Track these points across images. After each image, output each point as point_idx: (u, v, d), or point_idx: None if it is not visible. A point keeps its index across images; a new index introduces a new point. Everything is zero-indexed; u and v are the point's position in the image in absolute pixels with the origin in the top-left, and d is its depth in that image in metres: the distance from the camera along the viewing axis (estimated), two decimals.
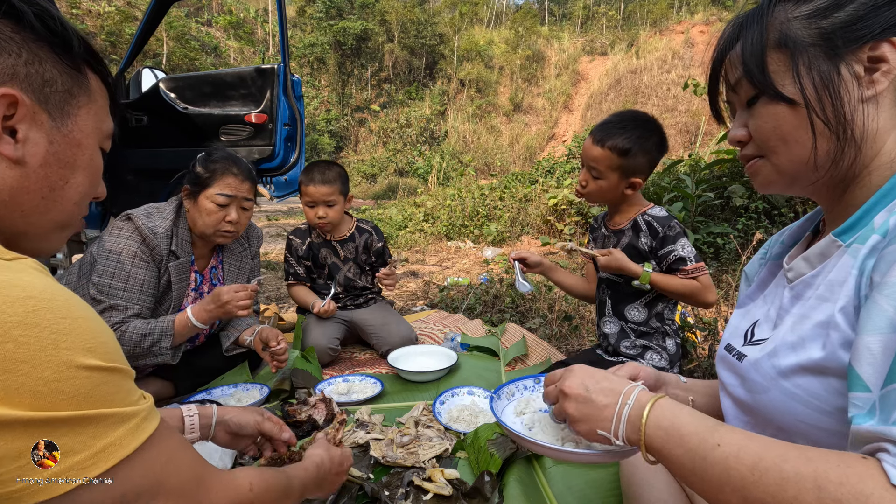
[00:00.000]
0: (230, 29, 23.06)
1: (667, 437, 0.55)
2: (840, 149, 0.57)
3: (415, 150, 19.47)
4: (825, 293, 0.56)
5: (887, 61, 0.54)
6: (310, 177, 2.14)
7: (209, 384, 1.81)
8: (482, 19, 31.32)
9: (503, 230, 6.19)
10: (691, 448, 0.52)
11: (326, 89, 24.43)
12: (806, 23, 0.57)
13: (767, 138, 0.61)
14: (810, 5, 0.57)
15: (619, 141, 1.46)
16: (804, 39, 0.57)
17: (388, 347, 2.13)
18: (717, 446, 0.50)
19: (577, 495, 1.19)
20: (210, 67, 17.75)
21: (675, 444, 0.54)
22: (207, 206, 1.60)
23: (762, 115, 0.61)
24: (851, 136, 0.56)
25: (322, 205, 2.14)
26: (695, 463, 0.52)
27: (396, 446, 1.34)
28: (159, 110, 3.12)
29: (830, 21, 0.55)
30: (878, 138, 0.57)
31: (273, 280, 4.05)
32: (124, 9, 16.25)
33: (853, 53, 0.55)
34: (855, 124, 0.56)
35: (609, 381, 0.64)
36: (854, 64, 0.55)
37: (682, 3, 28.45)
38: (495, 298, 3.22)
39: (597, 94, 21.80)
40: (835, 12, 0.55)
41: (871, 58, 0.55)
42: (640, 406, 0.59)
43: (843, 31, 0.55)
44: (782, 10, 0.59)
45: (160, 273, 1.59)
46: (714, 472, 0.50)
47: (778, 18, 0.59)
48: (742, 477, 0.47)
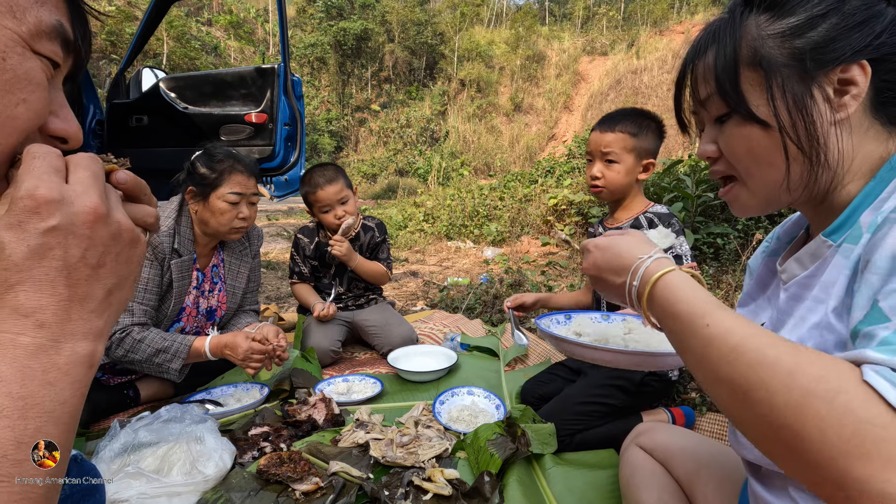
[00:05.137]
0: (230, 29, 23.06)
1: (662, 314, 0.57)
2: (813, 173, 0.57)
3: (415, 150, 19.48)
4: (820, 294, 0.56)
5: (857, 84, 0.53)
6: (314, 183, 2.10)
7: (209, 384, 1.81)
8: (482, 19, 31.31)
9: (503, 230, 6.19)
10: (681, 326, 0.53)
11: (327, 89, 24.43)
12: (780, 41, 0.55)
13: (740, 160, 0.61)
14: (784, 23, 0.55)
15: (626, 122, 1.53)
16: (778, 59, 0.55)
17: (389, 347, 2.13)
18: (705, 326, 0.49)
19: (576, 496, 1.19)
20: (210, 67, 17.75)
21: (666, 319, 0.56)
22: (220, 206, 1.62)
23: (734, 135, 0.60)
24: (825, 160, 0.56)
25: (337, 205, 2.12)
26: (682, 338, 0.53)
27: (396, 446, 1.34)
28: (159, 110, 3.12)
29: (804, 41, 0.54)
30: (845, 158, 0.56)
31: (273, 280, 4.05)
32: (124, 8, 16.25)
33: (825, 75, 0.54)
34: (828, 148, 0.56)
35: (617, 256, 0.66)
36: (826, 86, 0.54)
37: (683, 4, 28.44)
38: (495, 298, 3.22)
39: (597, 95, 21.78)
40: (808, 32, 0.54)
41: (841, 80, 0.54)
42: (644, 283, 0.60)
43: (816, 52, 0.54)
44: (754, 22, 0.57)
45: (163, 271, 1.59)
46: (697, 346, 0.50)
47: (750, 33, 0.57)
48: (720, 355, 0.46)
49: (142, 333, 1.49)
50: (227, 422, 1.53)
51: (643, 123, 1.53)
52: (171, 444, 1.21)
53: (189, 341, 1.54)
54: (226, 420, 1.54)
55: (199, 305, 1.76)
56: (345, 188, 2.14)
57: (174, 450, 1.20)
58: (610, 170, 1.55)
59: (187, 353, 1.53)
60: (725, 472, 0.84)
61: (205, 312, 1.79)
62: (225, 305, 1.84)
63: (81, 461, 0.71)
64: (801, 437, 0.39)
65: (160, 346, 1.49)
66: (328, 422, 1.51)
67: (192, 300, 1.73)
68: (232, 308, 1.87)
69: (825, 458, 0.37)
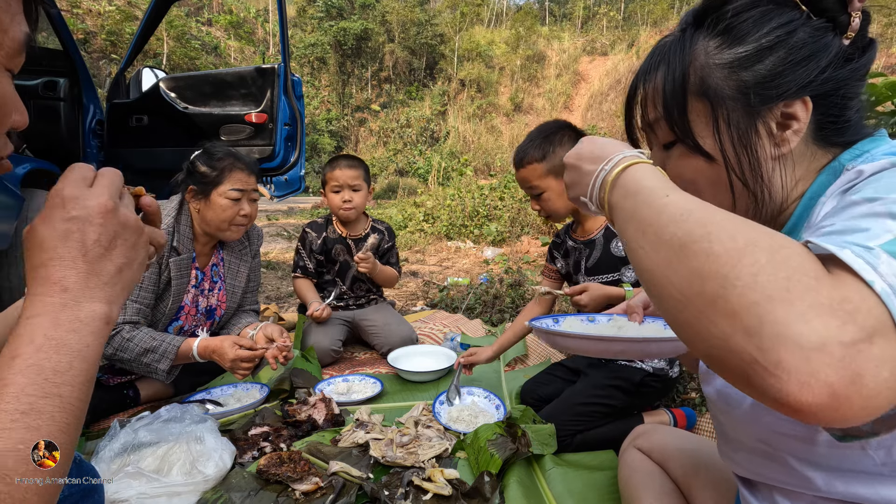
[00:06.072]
0: (230, 28, 23.06)
1: (625, 193, 0.51)
2: (757, 206, 0.57)
3: (415, 150, 19.47)
4: None
5: (798, 120, 0.53)
6: (335, 164, 2.22)
7: (209, 384, 1.82)
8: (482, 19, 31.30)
9: (503, 230, 6.19)
10: (640, 199, 0.48)
11: (327, 89, 24.43)
12: (727, 72, 0.54)
13: (685, 188, 0.61)
14: (732, 52, 0.54)
15: (530, 152, 1.50)
16: (724, 91, 0.54)
17: (389, 347, 2.13)
18: (664, 196, 0.46)
19: (577, 497, 1.19)
20: (210, 67, 17.75)
21: (627, 197, 0.50)
22: (222, 203, 1.64)
23: (680, 164, 0.60)
24: (769, 195, 0.56)
25: (347, 188, 2.20)
26: (636, 209, 0.48)
27: (396, 446, 1.34)
28: (160, 110, 3.12)
29: (751, 74, 0.53)
30: (785, 190, 0.56)
31: (273, 280, 4.05)
32: (124, 8, 16.25)
33: (769, 110, 0.53)
34: (772, 184, 0.55)
35: (602, 148, 0.58)
36: (769, 121, 0.54)
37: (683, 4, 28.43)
38: (495, 298, 3.22)
39: (597, 95, 21.79)
40: (755, 64, 0.53)
41: (784, 114, 0.53)
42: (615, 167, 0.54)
43: (762, 86, 0.53)
44: (703, 47, 0.56)
45: (160, 269, 1.60)
46: (649, 215, 0.45)
47: (699, 59, 0.56)
48: (670, 218, 0.43)
49: (131, 332, 1.49)
50: (227, 422, 1.53)
51: (551, 139, 1.48)
52: (171, 444, 1.21)
53: (177, 342, 1.54)
54: (226, 420, 1.54)
55: (199, 304, 1.76)
56: (361, 179, 2.23)
57: (174, 450, 1.20)
58: (542, 200, 1.53)
59: (175, 354, 1.52)
60: (722, 474, 0.84)
61: (204, 311, 1.79)
62: (225, 304, 1.84)
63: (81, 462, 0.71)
64: (729, 282, 0.35)
65: (148, 346, 1.49)
66: (328, 422, 1.51)
67: (191, 299, 1.73)
68: (232, 307, 1.87)
69: (746, 302, 0.34)
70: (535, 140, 1.50)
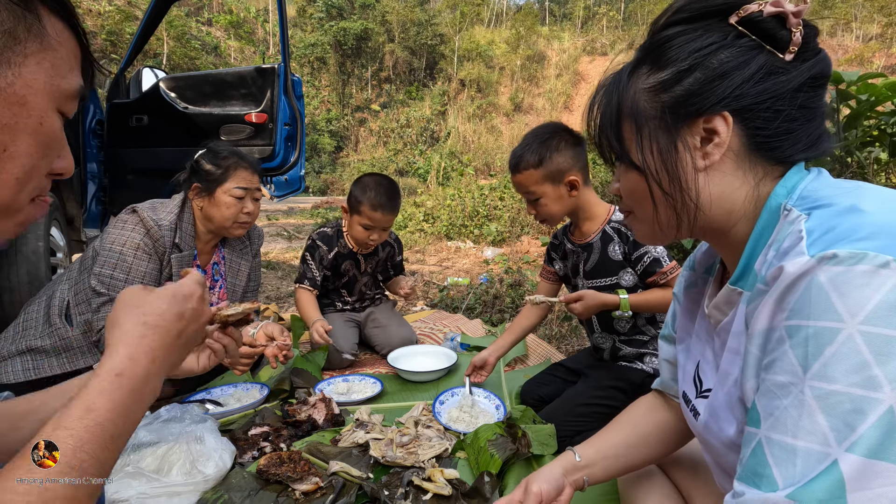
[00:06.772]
0: (230, 28, 23.08)
1: None
2: (677, 216, 0.61)
3: (415, 150, 19.48)
4: (734, 345, 0.58)
5: (719, 134, 0.55)
6: (378, 202, 2.00)
7: (209, 384, 1.81)
8: (482, 19, 31.30)
9: (503, 230, 6.19)
10: None
11: (327, 89, 24.44)
12: (651, 95, 0.58)
13: (626, 197, 0.67)
14: (656, 77, 0.58)
15: (527, 157, 1.46)
16: (648, 112, 0.59)
17: (389, 348, 2.13)
18: None
19: (576, 498, 1.19)
20: (210, 67, 17.76)
21: None
22: (226, 200, 1.65)
23: (625, 177, 0.65)
24: (695, 205, 0.59)
25: (379, 230, 2.08)
26: None
27: (396, 446, 1.34)
28: (160, 110, 3.12)
29: (670, 95, 0.57)
30: (722, 201, 0.58)
31: (273, 280, 4.05)
32: (124, 8, 16.26)
33: (688, 127, 0.57)
34: (699, 193, 0.58)
35: None
36: (690, 136, 0.57)
37: None
38: (495, 298, 3.22)
39: None
40: (674, 86, 0.57)
41: (706, 129, 0.56)
42: None
43: (681, 105, 0.56)
44: (637, 77, 0.60)
45: (162, 266, 1.60)
46: None
47: (633, 86, 0.60)
48: None
49: None
50: (227, 422, 1.53)
51: (548, 145, 1.45)
52: (171, 443, 1.21)
53: None
54: (226, 420, 1.54)
55: None
56: (393, 220, 2.12)
57: (174, 450, 1.20)
58: (538, 206, 1.51)
59: None
60: None
61: None
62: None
63: None
64: None
65: None
66: (328, 422, 1.51)
67: None
68: None
69: None
70: (532, 145, 1.46)
